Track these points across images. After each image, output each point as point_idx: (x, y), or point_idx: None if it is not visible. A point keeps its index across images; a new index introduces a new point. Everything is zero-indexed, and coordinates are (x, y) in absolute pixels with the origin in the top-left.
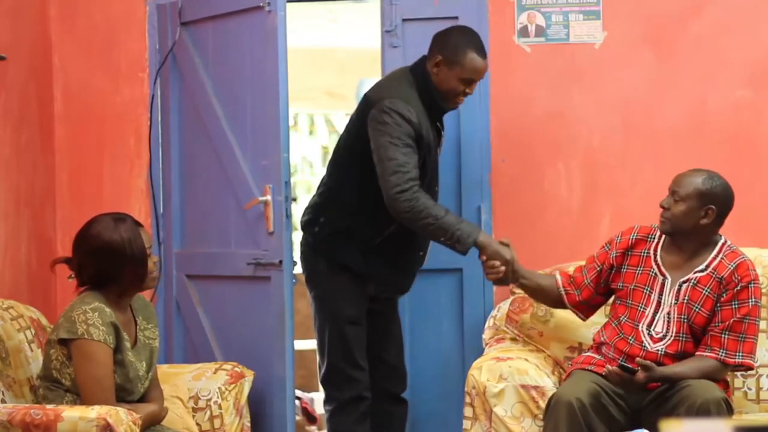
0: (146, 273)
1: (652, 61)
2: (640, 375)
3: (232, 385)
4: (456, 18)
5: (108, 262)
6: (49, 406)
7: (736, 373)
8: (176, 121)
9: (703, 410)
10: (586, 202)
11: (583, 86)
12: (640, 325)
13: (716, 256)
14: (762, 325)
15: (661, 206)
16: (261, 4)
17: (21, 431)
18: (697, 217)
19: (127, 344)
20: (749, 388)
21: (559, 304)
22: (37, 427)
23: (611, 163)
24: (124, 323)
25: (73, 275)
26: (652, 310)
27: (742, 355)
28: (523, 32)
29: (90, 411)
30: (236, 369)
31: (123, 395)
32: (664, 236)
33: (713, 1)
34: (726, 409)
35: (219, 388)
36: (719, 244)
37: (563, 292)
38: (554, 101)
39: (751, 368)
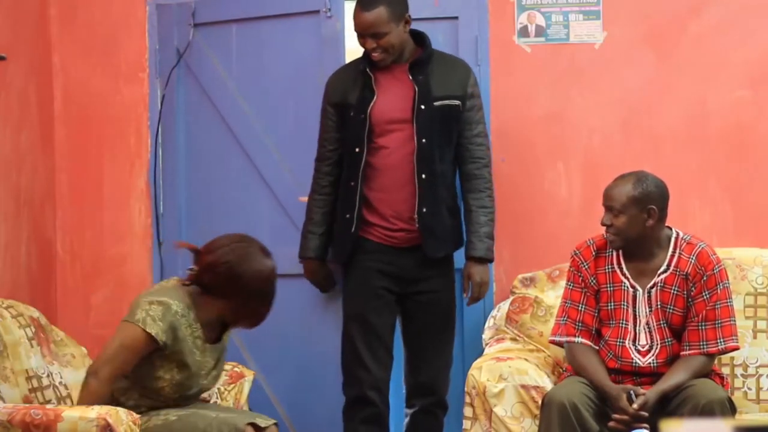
0: (263, 318)
1: (652, 61)
2: (639, 407)
3: (232, 385)
4: (456, 18)
5: (240, 288)
6: (49, 406)
7: (736, 373)
8: (183, 121)
9: (707, 410)
10: (586, 202)
11: (583, 86)
12: (626, 341)
13: (674, 252)
14: (762, 324)
15: (603, 224)
16: (321, 9)
17: (21, 431)
18: (642, 222)
19: (198, 342)
20: (749, 388)
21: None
22: (37, 427)
23: (611, 163)
24: (206, 322)
25: (194, 268)
26: (632, 325)
27: (723, 341)
28: (523, 32)
29: (90, 411)
30: (236, 369)
31: (179, 390)
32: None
33: (713, 1)
34: (730, 408)
35: (219, 388)
36: (673, 238)
37: (591, 344)
38: (554, 101)
39: (736, 349)
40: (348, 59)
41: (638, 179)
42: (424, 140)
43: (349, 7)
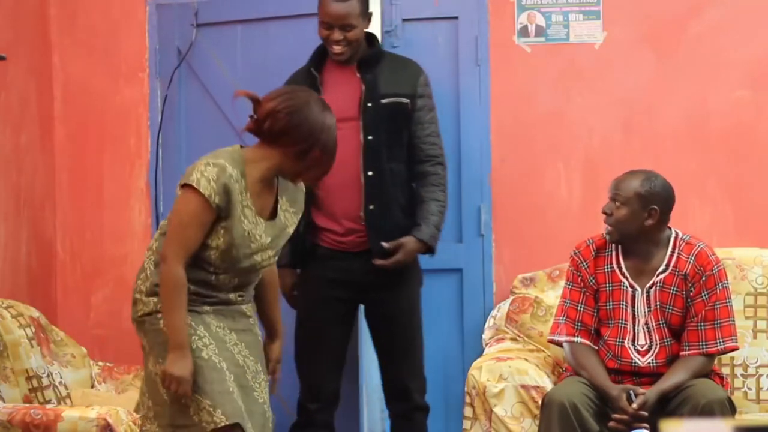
0: (328, 170)
1: (652, 61)
2: (639, 406)
3: None
4: (456, 18)
5: (303, 134)
6: (49, 406)
7: (736, 373)
8: (184, 122)
9: (706, 410)
10: (586, 202)
11: (583, 86)
12: (625, 341)
13: (673, 252)
14: (762, 324)
15: (604, 212)
16: None
17: (21, 431)
18: (641, 219)
19: (247, 212)
20: (749, 388)
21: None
22: (37, 427)
23: (611, 163)
24: (258, 191)
25: (254, 115)
26: (631, 325)
27: (722, 341)
28: (523, 32)
29: (90, 411)
30: None
31: (226, 259)
32: (619, 246)
33: (713, 2)
34: (729, 408)
35: None
36: (672, 238)
37: (590, 343)
38: (554, 101)
39: (735, 349)
40: None
41: (647, 177)
42: (370, 137)
43: None
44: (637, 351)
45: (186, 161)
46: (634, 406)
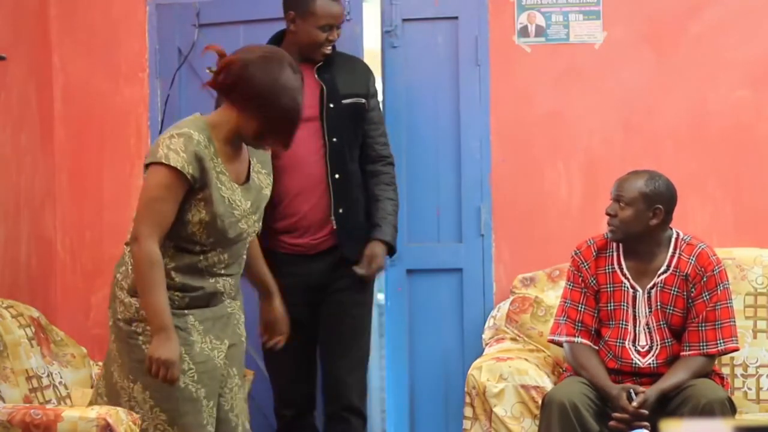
0: (290, 137)
1: (652, 61)
2: (639, 405)
3: None
4: (456, 18)
5: (254, 88)
6: (49, 406)
7: (736, 373)
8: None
9: (707, 410)
10: (586, 202)
11: (583, 86)
12: (626, 342)
13: (674, 252)
14: (762, 324)
15: (608, 214)
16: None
17: (21, 431)
18: (646, 219)
19: (223, 178)
20: (749, 388)
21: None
22: (37, 427)
23: (611, 163)
24: (229, 156)
25: (214, 69)
26: (632, 326)
27: (723, 342)
28: (523, 32)
29: (90, 411)
30: None
31: (212, 233)
32: (621, 245)
33: (713, 1)
34: (730, 408)
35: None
36: (673, 239)
37: (591, 344)
38: (554, 101)
39: (736, 350)
40: (366, 61)
41: (651, 177)
42: (335, 139)
43: (367, 10)
44: (638, 352)
45: None
46: (635, 404)
